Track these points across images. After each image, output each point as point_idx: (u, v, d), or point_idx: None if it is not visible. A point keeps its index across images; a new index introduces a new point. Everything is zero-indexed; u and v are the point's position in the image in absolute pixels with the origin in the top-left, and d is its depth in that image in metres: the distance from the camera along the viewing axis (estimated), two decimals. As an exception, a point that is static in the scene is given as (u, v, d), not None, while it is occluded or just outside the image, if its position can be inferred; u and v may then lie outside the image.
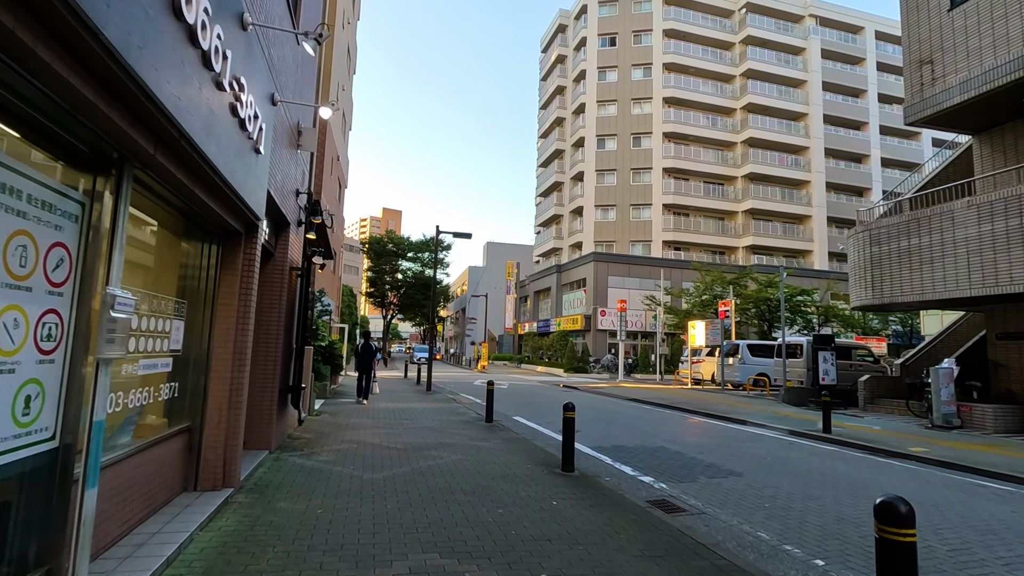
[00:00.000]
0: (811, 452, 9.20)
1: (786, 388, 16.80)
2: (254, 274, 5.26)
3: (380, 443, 8.14)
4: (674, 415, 14.11)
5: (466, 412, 12.75)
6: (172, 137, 3.03)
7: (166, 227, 4.28)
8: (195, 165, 3.50)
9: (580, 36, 49.84)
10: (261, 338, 6.80)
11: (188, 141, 3.14)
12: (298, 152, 7.38)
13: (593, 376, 32.53)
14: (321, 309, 17.22)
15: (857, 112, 50.15)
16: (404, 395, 16.58)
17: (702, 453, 8.75)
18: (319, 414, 11.23)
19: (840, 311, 36.85)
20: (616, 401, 17.24)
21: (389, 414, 11.82)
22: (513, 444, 8.56)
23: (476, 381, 25.09)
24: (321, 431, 9.06)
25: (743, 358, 21.70)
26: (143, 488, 3.86)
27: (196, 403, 4.84)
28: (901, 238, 13.42)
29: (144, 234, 3.97)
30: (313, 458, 6.81)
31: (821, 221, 47.46)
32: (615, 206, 46.33)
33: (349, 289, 37.28)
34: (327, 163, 20.19)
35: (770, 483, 6.83)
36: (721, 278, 35.01)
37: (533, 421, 12.04)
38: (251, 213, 4.90)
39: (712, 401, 17.01)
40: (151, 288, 4.02)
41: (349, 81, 26.15)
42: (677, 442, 9.79)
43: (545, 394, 19.18)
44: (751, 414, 13.96)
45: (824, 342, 15.95)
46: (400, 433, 9.22)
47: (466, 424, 10.67)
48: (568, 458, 6.80)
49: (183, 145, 3.13)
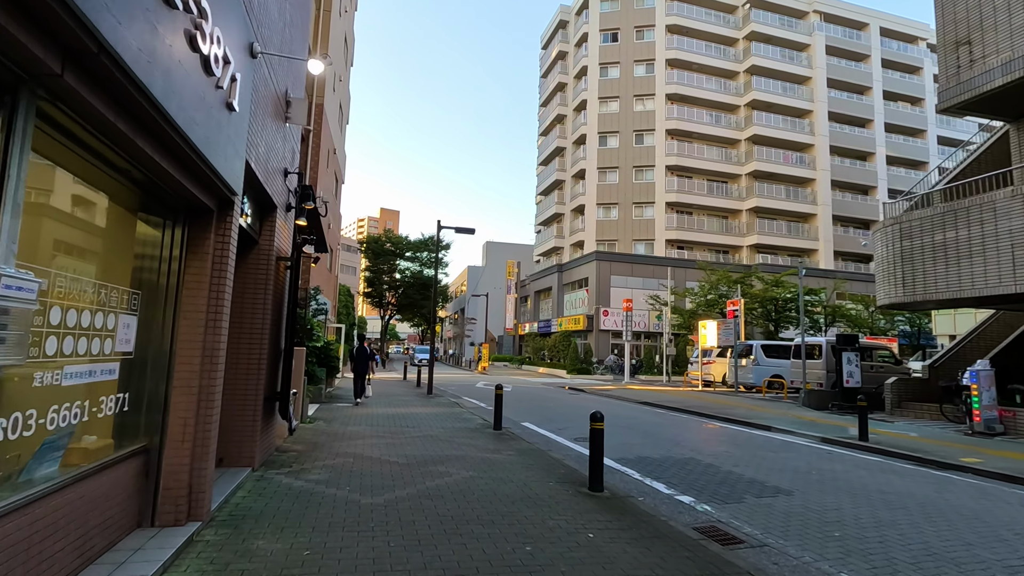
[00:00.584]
0: (855, 464, 8.32)
1: (806, 391, 15.93)
2: (229, 260, 4.36)
3: (380, 456, 7.23)
4: (692, 420, 13.23)
5: (471, 418, 11.85)
6: (88, 51, 2.14)
7: (114, 197, 3.39)
8: (132, 103, 2.60)
9: (581, 32, 49.01)
10: (243, 338, 5.90)
11: (114, 61, 2.25)
12: (287, 127, 6.48)
13: (597, 378, 31.65)
14: (316, 308, 16.30)
15: (862, 109, 49.39)
16: (404, 399, 15.67)
17: (737, 465, 7.87)
18: (313, 421, 10.32)
19: (847, 311, 36.12)
20: (628, 405, 16.35)
21: (389, 420, 10.92)
22: (528, 456, 7.67)
23: (478, 383, 24.19)
24: (314, 442, 8.15)
25: (757, 359, 20.82)
26: (73, 532, 2.96)
27: (154, 418, 3.94)
28: (935, 231, 12.56)
29: (78, 203, 3.07)
30: (303, 477, 5.90)
31: (826, 220, 46.67)
32: (617, 204, 45.48)
33: (346, 289, 36.39)
34: (323, 154, 19.29)
35: (828, 504, 5.95)
36: (726, 277, 34.27)
37: (544, 428, 11.15)
38: (223, 185, 4.00)
39: (728, 405, 16.14)
40: (92, 274, 3.12)
41: (346, 72, 25.25)
42: (706, 452, 8.91)
43: (552, 397, 18.29)
44: (773, 419, 13.09)
45: (848, 342, 15.10)
46: (402, 443, 8.32)
47: (473, 432, 9.78)
48: (596, 476, 5.92)
49: (106, 65, 2.24)
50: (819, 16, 49.56)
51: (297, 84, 6.88)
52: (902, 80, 51.60)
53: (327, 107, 19.65)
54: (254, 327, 5.96)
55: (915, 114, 51.46)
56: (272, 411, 6.55)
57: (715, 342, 21.53)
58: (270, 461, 6.52)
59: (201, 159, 3.50)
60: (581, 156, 47.37)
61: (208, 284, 4.21)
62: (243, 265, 6.00)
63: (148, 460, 3.90)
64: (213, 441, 4.28)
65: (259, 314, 5.99)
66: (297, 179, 6.75)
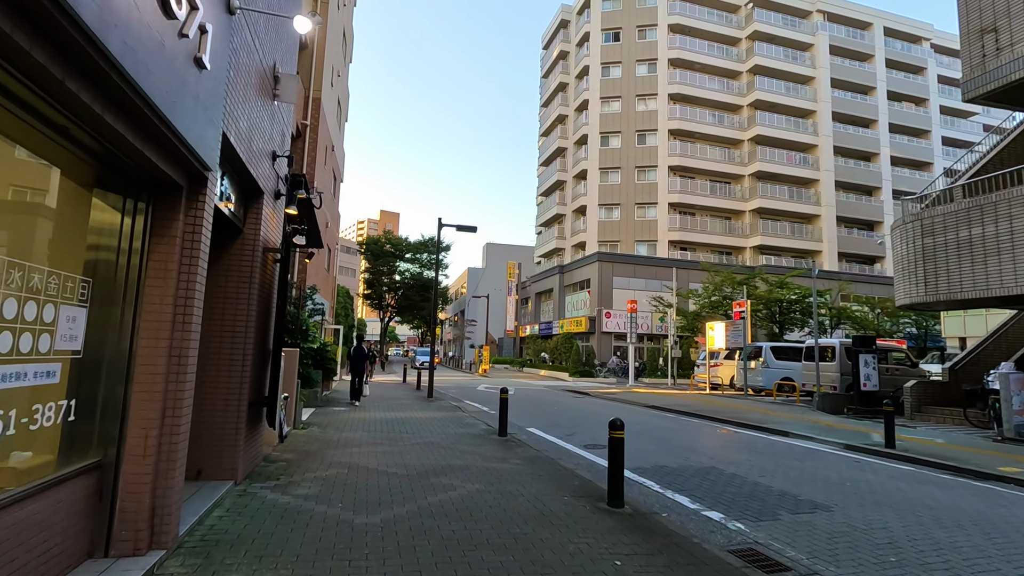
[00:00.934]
0: (889, 474, 7.74)
1: (820, 394, 15.35)
2: (201, 246, 3.79)
3: (377, 466, 6.64)
4: (705, 425, 12.64)
5: (474, 423, 11.27)
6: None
7: (64, 169, 2.82)
8: (53, 26, 2.03)
9: (583, 31, 48.55)
10: (224, 337, 5.33)
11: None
12: (275, 105, 5.92)
13: (600, 380, 31.06)
14: (312, 308, 15.72)
15: (866, 109, 48.92)
16: (404, 402, 15.08)
17: (763, 476, 7.29)
18: (307, 427, 9.73)
19: (852, 312, 35.62)
20: (636, 409, 15.77)
21: (388, 426, 10.33)
22: (537, 465, 7.08)
23: (480, 386, 23.59)
24: (307, 450, 7.56)
25: (767, 361, 20.23)
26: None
27: (110, 428, 3.36)
28: (960, 228, 12.01)
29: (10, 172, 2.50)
30: (291, 491, 5.31)
31: (830, 220, 46.15)
32: (619, 205, 44.95)
33: (345, 290, 35.84)
34: (320, 150, 18.73)
35: (873, 521, 5.37)
36: (731, 278, 33.78)
37: (551, 434, 10.56)
38: (193, 157, 3.44)
39: (740, 408, 15.56)
40: (27, 256, 2.55)
41: (345, 68, 24.71)
42: (726, 460, 8.32)
43: (556, 401, 17.69)
44: (789, 424, 12.51)
45: (865, 344, 14.53)
46: (402, 451, 7.74)
47: (477, 439, 9.19)
48: (617, 490, 5.33)
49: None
50: (822, 16, 49.13)
51: (287, 59, 6.32)
52: (906, 80, 51.16)
53: (324, 102, 19.11)
54: (237, 325, 5.38)
55: (919, 114, 51.01)
56: (259, 418, 5.97)
57: (723, 344, 20.95)
58: (256, 473, 5.93)
59: (162, 120, 2.93)
60: (583, 156, 46.86)
61: (176, 273, 3.63)
62: (225, 256, 5.43)
63: (102, 478, 3.32)
64: (181, 454, 3.70)
65: (243, 311, 5.41)
66: (288, 163, 6.18)
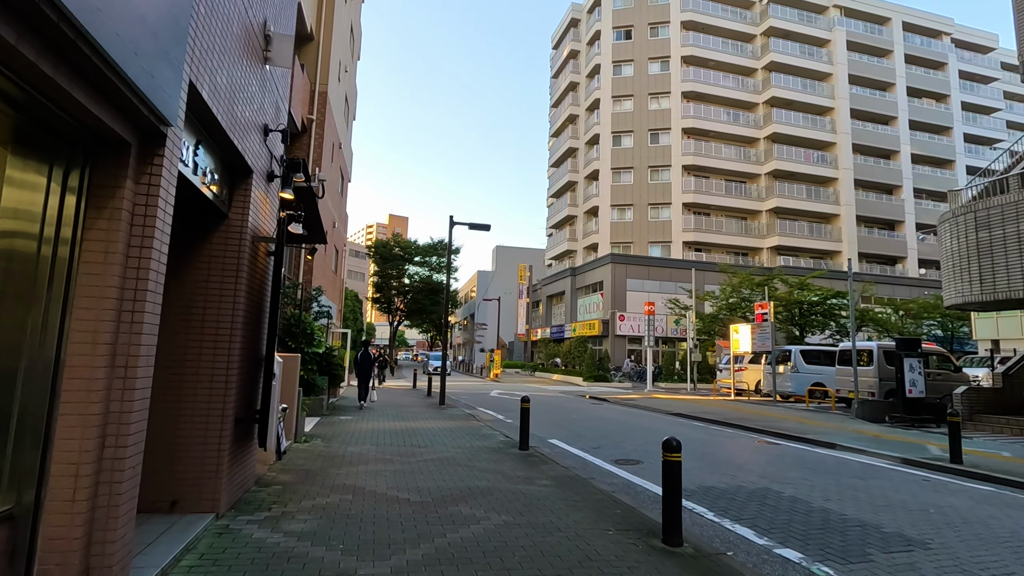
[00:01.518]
0: (971, 496, 6.75)
1: (859, 401, 14.31)
2: (158, 222, 2.94)
3: (386, 490, 5.76)
4: (741, 436, 11.66)
5: (491, 434, 10.37)
6: None
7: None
8: None
9: (594, 30, 47.69)
10: (206, 341, 4.48)
11: None
12: (267, 71, 5.08)
13: (615, 385, 30.07)
14: (318, 310, 14.92)
15: (886, 106, 47.66)
16: (414, 410, 14.21)
17: (828, 499, 6.33)
18: (309, 440, 8.87)
19: (876, 315, 34.45)
20: (661, 417, 14.80)
21: (398, 438, 9.45)
22: (569, 488, 6.17)
23: (492, 392, 22.68)
24: (307, 469, 6.70)
25: (796, 366, 19.15)
26: None
27: (24, 464, 2.50)
28: (1021, 220, 10.98)
29: None
30: (283, 527, 4.43)
31: (850, 220, 44.88)
32: (632, 206, 43.97)
33: (354, 294, 35.17)
34: (327, 146, 17.96)
35: (988, 563, 4.41)
36: (749, 280, 32.79)
37: (575, 447, 9.64)
38: (144, 105, 2.59)
39: (772, 416, 14.55)
40: None
41: (352, 64, 24.00)
42: (779, 479, 7.37)
43: (574, 408, 16.75)
44: (831, 434, 11.51)
45: (909, 347, 13.49)
46: (413, 469, 6.85)
47: (496, 453, 8.30)
48: (674, 525, 4.41)
49: None
50: (839, 11, 48.00)
51: (281, 20, 5.48)
52: (926, 76, 49.84)
53: (331, 97, 18.36)
54: (221, 327, 4.53)
55: (940, 111, 49.65)
56: (249, 436, 5.11)
57: (749, 347, 19.90)
58: (244, 501, 5.06)
59: (95, 51, 2.08)
60: (594, 156, 45.96)
61: (123, 258, 2.78)
62: (206, 246, 4.58)
63: (14, 531, 2.46)
64: (129, 497, 2.84)
65: (228, 310, 4.56)
66: (282, 139, 5.34)
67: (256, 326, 5.19)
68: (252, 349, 5.11)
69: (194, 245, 4.54)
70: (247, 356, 4.94)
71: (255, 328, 5.16)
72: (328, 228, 19.92)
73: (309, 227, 7.49)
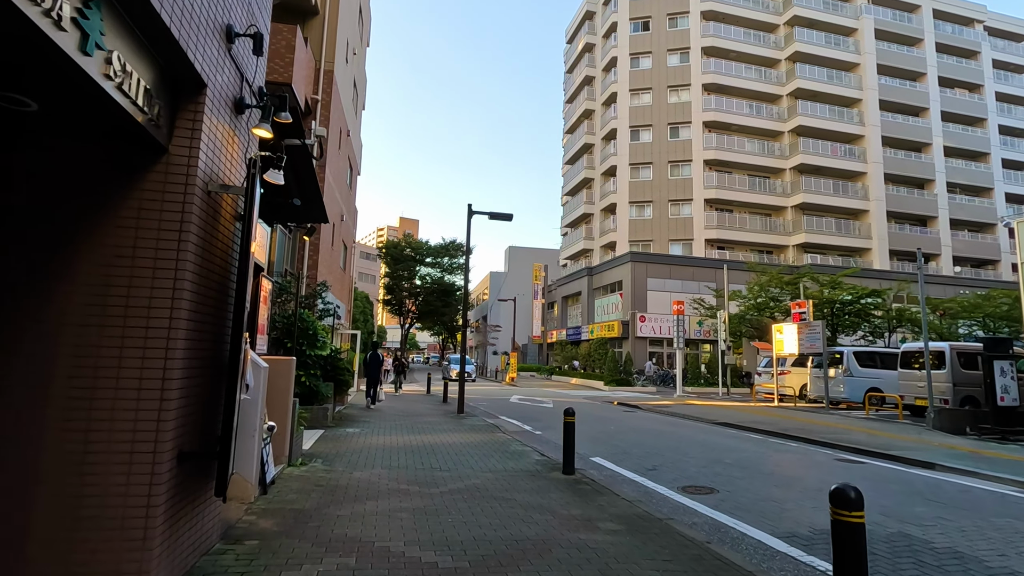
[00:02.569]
0: None
1: (937, 411, 12.55)
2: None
3: (404, 548, 4.16)
4: (811, 452, 9.98)
5: (522, 451, 8.79)
6: None
7: None
8: None
9: (610, 22, 46.11)
10: (129, 339, 2.94)
11: None
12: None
13: (639, 390, 28.37)
14: (323, 309, 13.41)
15: (916, 97, 45.61)
16: (430, 420, 12.64)
17: (1003, 554, 4.68)
18: (307, 462, 7.32)
19: (913, 314, 32.55)
20: (708, 428, 13.13)
21: (415, 457, 7.89)
22: (645, 536, 4.57)
23: (512, 398, 21.07)
24: (299, 508, 5.14)
25: (849, 369, 17.35)
26: None
27: None
28: None
29: None
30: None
31: (880, 216, 42.86)
32: (652, 202, 42.27)
33: (365, 295, 33.82)
34: (334, 132, 16.48)
35: None
36: (778, 279, 31.10)
37: (625, 467, 8.02)
38: None
39: (834, 427, 12.83)
40: None
41: (361, 49, 22.57)
42: (911, 519, 5.69)
43: (607, 417, 15.10)
44: (918, 449, 9.81)
45: (998, 347, 11.75)
46: (438, 508, 5.28)
47: (535, 479, 6.71)
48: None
49: None
50: (867, -2, 46.07)
51: None
52: (958, 65, 47.71)
53: (339, 78, 16.89)
54: (154, 316, 3.00)
55: (974, 102, 47.47)
56: (202, 476, 3.56)
57: (795, 348, 18.13)
58: (197, 570, 3.51)
59: None
60: (611, 152, 44.33)
61: None
62: (132, 195, 3.05)
63: None
64: None
65: (165, 292, 3.03)
66: (256, 48, 3.80)
67: (214, 317, 3.63)
68: (207, 350, 3.56)
69: (113, 190, 3.01)
70: (198, 361, 3.39)
71: (212, 320, 3.61)
72: (336, 221, 18.46)
73: (305, 199, 5.97)
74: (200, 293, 3.31)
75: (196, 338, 3.29)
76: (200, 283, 3.29)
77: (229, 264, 3.78)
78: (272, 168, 4.00)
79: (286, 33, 12.97)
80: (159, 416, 2.94)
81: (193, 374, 3.26)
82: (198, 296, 3.27)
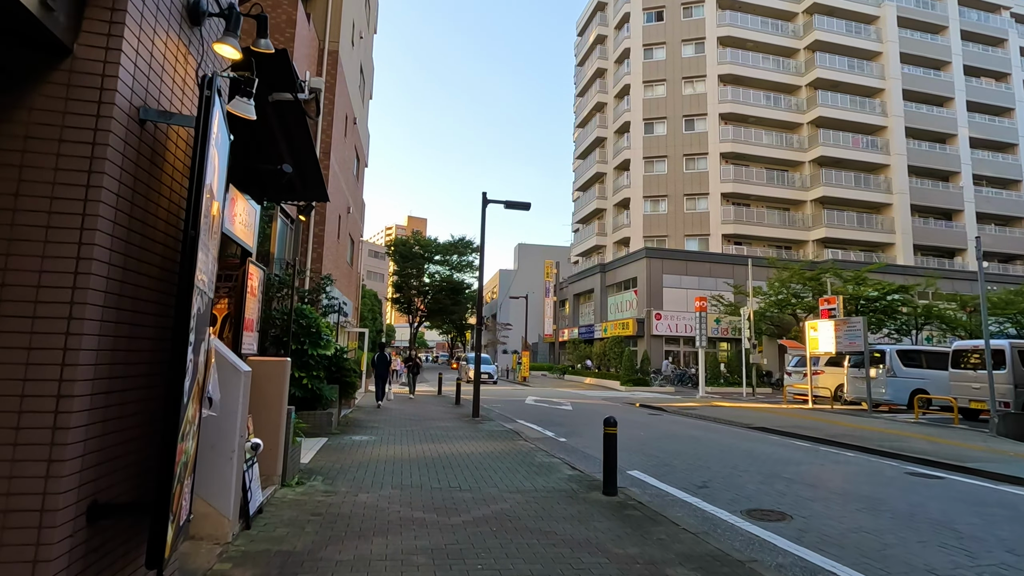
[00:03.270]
0: None
1: (1003, 415, 11.36)
2: None
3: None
4: (870, 462, 8.84)
5: (550, 463, 7.73)
6: None
7: None
8: None
9: (622, 12, 44.90)
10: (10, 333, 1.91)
11: None
12: None
13: (658, 390, 27.25)
14: (327, 304, 12.41)
15: (940, 86, 44.08)
16: (443, 425, 11.59)
17: None
18: (304, 480, 6.29)
19: (942, 311, 31.22)
20: (746, 434, 12.01)
21: (429, 472, 6.84)
22: (738, 593, 3.50)
23: (528, 399, 20.01)
24: (288, 551, 4.11)
25: (892, 369, 16.11)
26: None
27: None
28: None
29: None
30: None
31: (903, 209, 41.42)
32: (666, 196, 41.06)
33: (373, 293, 32.96)
34: (339, 118, 15.45)
35: None
36: (800, 275, 29.95)
37: (673, 484, 6.93)
38: None
39: (883, 432, 11.67)
40: None
41: (369, 34, 21.57)
42: (1039, 556, 4.60)
43: (631, 420, 14.00)
44: (993, 460, 8.67)
45: (1075, 346, 10.53)
46: (462, 546, 4.23)
47: (573, 501, 5.64)
48: None
49: None
50: (889, -15, 44.54)
51: None
52: (984, 53, 46.10)
53: (344, 61, 15.87)
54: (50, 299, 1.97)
55: (1000, 91, 45.85)
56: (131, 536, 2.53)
57: (832, 347, 16.92)
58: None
59: None
60: (624, 146, 43.15)
61: None
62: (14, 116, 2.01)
63: None
64: None
65: (67, 260, 2.00)
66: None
67: (156, 306, 2.60)
68: (143, 351, 2.52)
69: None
70: (124, 367, 2.36)
71: (152, 311, 2.57)
72: (342, 213, 17.46)
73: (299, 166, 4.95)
74: (129, 269, 2.28)
75: (122, 334, 2.26)
76: (128, 254, 2.27)
77: (172, 221, 2.74)
78: (240, 97, 2.98)
79: (286, 6, 11.99)
80: (49, 451, 1.91)
81: (116, 387, 2.23)
82: (125, 273, 2.25)
